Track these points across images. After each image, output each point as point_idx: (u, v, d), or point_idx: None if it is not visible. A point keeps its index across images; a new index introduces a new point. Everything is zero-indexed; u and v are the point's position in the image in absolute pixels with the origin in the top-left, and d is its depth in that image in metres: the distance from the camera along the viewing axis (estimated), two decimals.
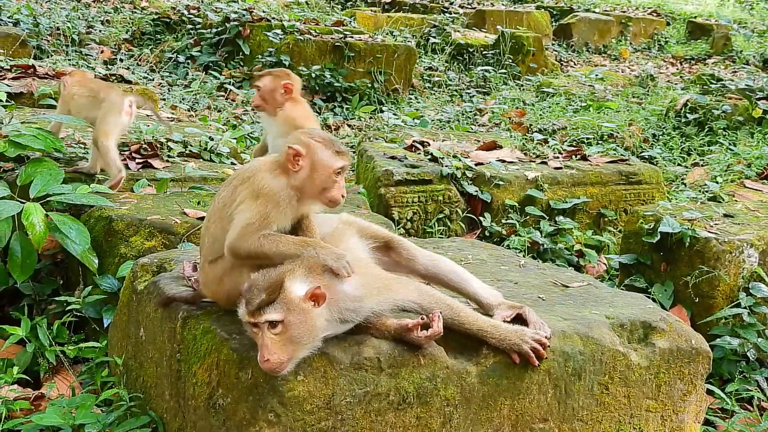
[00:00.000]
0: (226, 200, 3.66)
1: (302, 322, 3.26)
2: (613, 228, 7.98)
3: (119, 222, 5.49)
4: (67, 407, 4.26)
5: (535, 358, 3.66)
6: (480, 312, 3.86)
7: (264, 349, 3.20)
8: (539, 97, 14.42)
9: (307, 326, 3.28)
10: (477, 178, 7.72)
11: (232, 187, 3.68)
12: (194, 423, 3.64)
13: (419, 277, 4.00)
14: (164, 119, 8.33)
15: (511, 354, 3.66)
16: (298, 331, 3.25)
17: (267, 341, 3.21)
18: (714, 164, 10.56)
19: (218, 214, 3.68)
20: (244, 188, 3.62)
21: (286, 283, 3.26)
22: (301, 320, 3.25)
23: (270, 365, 3.20)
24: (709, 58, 20.14)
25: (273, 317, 3.21)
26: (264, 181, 3.58)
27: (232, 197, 3.64)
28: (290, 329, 3.23)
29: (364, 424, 3.46)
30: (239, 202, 3.59)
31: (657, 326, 4.01)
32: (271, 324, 3.21)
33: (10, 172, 6.33)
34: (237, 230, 3.52)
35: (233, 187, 3.68)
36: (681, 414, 4.08)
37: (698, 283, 5.87)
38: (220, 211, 3.66)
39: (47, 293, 5.70)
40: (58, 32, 13.58)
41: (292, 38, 13.74)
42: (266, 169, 3.63)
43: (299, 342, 3.27)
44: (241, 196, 3.60)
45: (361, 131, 11.34)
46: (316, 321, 3.31)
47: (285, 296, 3.24)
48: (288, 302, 3.24)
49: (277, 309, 3.22)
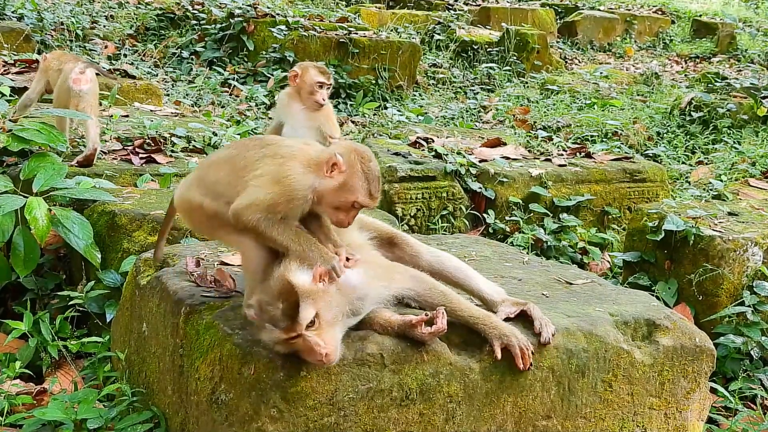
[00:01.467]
0: (249, 162, 3.59)
1: (328, 303, 3.28)
2: (617, 226, 7.96)
3: (122, 217, 5.49)
4: (70, 402, 4.26)
5: (521, 360, 3.64)
6: (483, 308, 3.85)
7: (316, 347, 3.18)
8: (543, 95, 14.39)
9: (334, 304, 3.30)
10: (481, 175, 7.71)
11: (262, 153, 3.61)
12: (197, 418, 3.64)
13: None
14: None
15: (495, 346, 3.61)
16: (330, 312, 3.27)
17: (313, 339, 3.19)
18: (718, 162, 10.54)
19: (234, 168, 3.62)
20: (271, 164, 3.55)
21: (292, 280, 3.24)
22: (327, 302, 3.26)
23: (330, 357, 3.20)
24: (714, 56, 20.11)
25: (310, 315, 3.20)
26: (292, 171, 3.53)
27: (255, 164, 3.57)
28: (323, 316, 3.23)
29: (367, 420, 3.45)
30: (259, 175, 3.52)
31: (661, 324, 4.00)
32: (310, 323, 3.21)
33: (14, 167, 6.34)
34: (245, 202, 3.48)
35: (263, 154, 3.60)
36: (684, 412, 4.07)
37: (702, 281, 5.86)
38: (239, 168, 3.60)
39: (50, 288, 5.71)
40: (62, 27, 13.56)
41: (297, 34, 13.72)
42: (301, 161, 3.56)
43: (335, 323, 3.29)
44: (263, 170, 3.54)
45: (365, 127, 11.32)
46: (336, 296, 3.33)
47: (302, 290, 3.22)
48: (308, 293, 3.22)
49: (306, 307, 3.20)
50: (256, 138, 3.85)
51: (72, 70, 6.72)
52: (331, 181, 3.51)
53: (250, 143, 3.75)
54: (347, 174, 3.51)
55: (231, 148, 3.80)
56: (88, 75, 6.82)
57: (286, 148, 3.64)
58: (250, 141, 3.79)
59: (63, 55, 7.32)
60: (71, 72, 6.71)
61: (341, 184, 3.51)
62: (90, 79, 6.87)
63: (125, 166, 6.74)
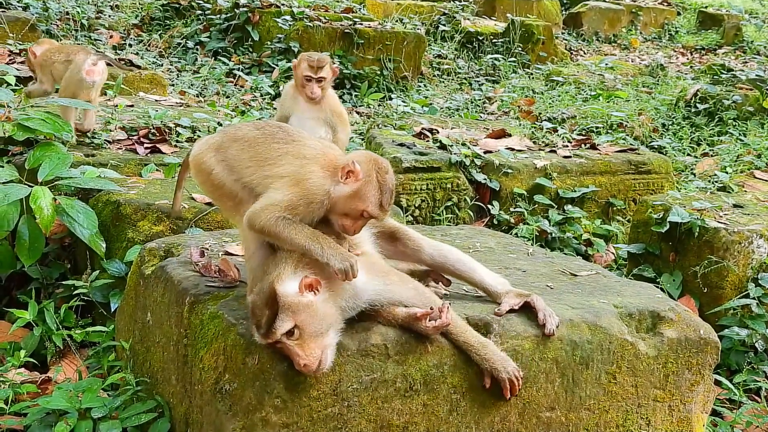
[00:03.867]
0: (272, 155, 3.62)
1: (312, 315, 3.26)
2: (622, 217, 7.95)
3: (127, 206, 5.49)
4: (74, 391, 4.27)
5: (509, 391, 3.62)
6: (487, 300, 3.85)
7: (295, 357, 3.20)
8: (549, 86, 14.38)
9: (319, 316, 3.28)
10: (486, 166, 7.70)
11: (286, 150, 3.63)
12: (200, 408, 3.64)
13: (426, 266, 4.00)
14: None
15: (485, 376, 3.60)
16: (314, 326, 3.25)
17: (293, 350, 3.21)
18: (724, 154, 10.53)
19: (256, 154, 3.64)
20: (293, 164, 3.57)
21: (277, 289, 3.24)
22: (309, 314, 3.24)
23: (309, 368, 3.20)
24: (720, 48, 20.06)
25: (285, 327, 3.21)
26: (311, 175, 3.53)
27: (277, 159, 3.60)
28: (306, 328, 3.23)
29: (371, 411, 3.45)
30: (279, 175, 3.55)
31: (665, 316, 3.99)
32: (287, 333, 3.21)
33: (19, 156, 6.33)
34: (261, 205, 3.49)
35: (287, 151, 3.63)
36: (688, 404, 4.07)
37: (707, 273, 5.86)
38: (261, 158, 3.62)
39: (54, 277, 5.71)
40: (68, 17, 13.56)
41: (302, 24, 13.70)
42: (321, 165, 3.57)
43: (321, 333, 3.27)
44: (284, 170, 3.55)
45: (369, 118, 11.32)
46: (324, 307, 3.31)
47: (284, 302, 3.22)
48: (289, 306, 3.22)
49: (283, 318, 3.21)
50: (284, 129, 3.81)
51: (84, 61, 6.79)
52: (345, 188, 3.51)
53: (278, 133, 3.73)
54: (362, 183, 3.52)
55: (258, 130, 3.76)
56: (100, 67, 6.94)
57: (311, 149, 3.65)
58: (278, 131, 3.76)
59: (64, 47, 7.34)
60: (84, 63, 6.78)
61: (354, 191, 3.51)
62: (102, 71, 7.02)
63: (130, 156, 6.74)
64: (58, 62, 6.95)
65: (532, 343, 3.68)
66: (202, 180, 3.81)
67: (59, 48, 7.28)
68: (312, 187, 3.50)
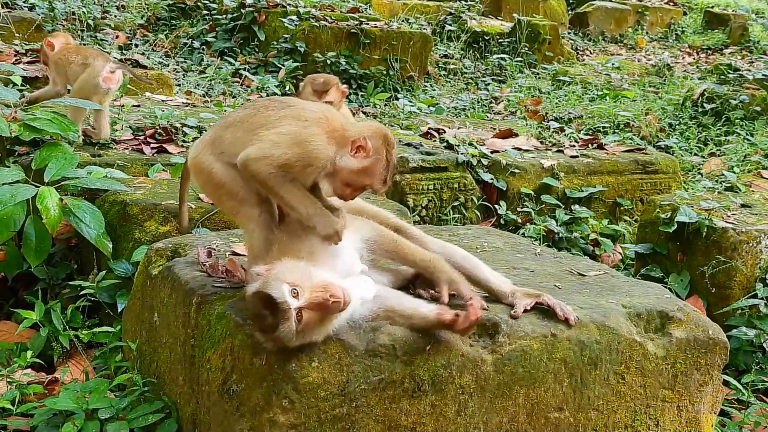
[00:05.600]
0: (268, 120, 3.60)
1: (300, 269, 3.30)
2: (629, 217, 7.94)
3: (134, 207, 5.48)
4: (81, 392, 4.27)
5: (473, 310, 3.54)
6: (492, 299, 3.84)
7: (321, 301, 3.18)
8: (555, 86, 14.37)
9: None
10: (492, 166, 7.69)
11: (283, 113, 3.62)
12: (208, 409, 3.63)
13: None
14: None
15: (443, 290, 3.67)
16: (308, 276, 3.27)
17: (314, 300, 3.18)
18: (731, 154, 10.52)
19: (251, 126, 3.62)
20: (293, 125, 3.56)
21: (276, 299, 3.17)
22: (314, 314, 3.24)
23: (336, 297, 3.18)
24: (726, 48, 20.04)
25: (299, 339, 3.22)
26: (316, 138, 3.53)
27: (275, 123, 3.58)
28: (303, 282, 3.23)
29: (379, 412, 3.44)
30: (278, 132, 3.54)
31: (674, 316, 3.98)
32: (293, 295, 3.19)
33: (25, 156, 6.33)
34: (258, 154, 3.49)
35: (284, 114, 3.61)
36: (697, 404, 4.05)
37: (715, 273, 5.85)
38: (256, 126, 3.60)
39: (61, 277, 5.71)
40: (74, 17, 13.56)
41: (308, 24, 13.70)
42: (325, 130, 3.56)
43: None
44: (284, 129, 3.54)
45: (376, 118, 11.31)
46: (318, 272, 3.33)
47: (286, 314, 3.18)
48: (292, 317, 3.20)
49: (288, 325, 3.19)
50: (275, 98, 3.82)
51: (103, 68, 6.79)
52: (354, 162, 3.52)
53: (269, 103, 3.73)
54: (372, 160, 3.54)
55: (247, 109, 3.77)
56: (117, 75, 6.96)
57: (311, 112, 3.64)
58: (269, 101, 3.76)
59: (83, 49, 7.32)
60: (102, 70, 6.78)
61: (363, 167, 3.53)
62: (118, 79, 7.06)
63: (137, 156, 6.74)
64: (75, 64, 6.93)
65: (541, 343, 3.67)
66: (203, 181, 3.81)
67: (77, 49, 7.25)
68: (315, 152, 3.50)
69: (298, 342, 3.24)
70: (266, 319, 3.17)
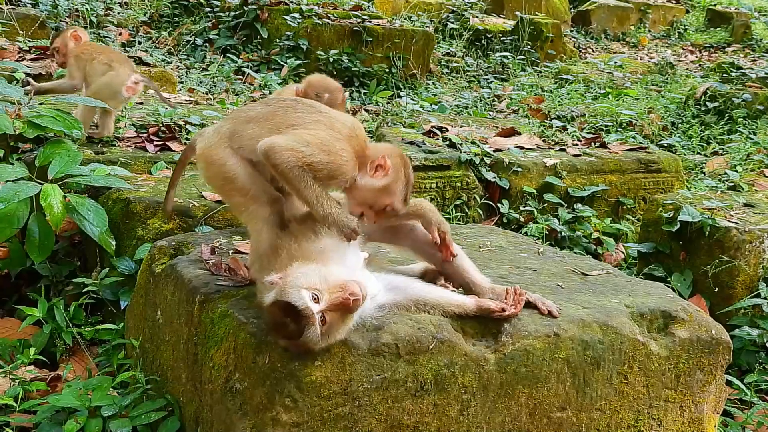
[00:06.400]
0: (299, 122, 3.63)
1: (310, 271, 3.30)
2: (632, 216, 7.93)
3: (137, 204, 5.48)
4: (84, 389, 4.28)
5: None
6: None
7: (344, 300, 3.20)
8: (557, 84, 14.37)
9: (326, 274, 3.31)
10: (495, 165, 7.68)
11: (316, 118, 3.66)
12: (211, 407, 3.64)
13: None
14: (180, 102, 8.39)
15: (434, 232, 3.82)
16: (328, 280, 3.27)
17: (335, 301, 3.20)
18: (734, 153, 10.50)
19: (278, 125, 3.65)
20: (327, 133, 3.59)
21: (298, 306, 3.17)
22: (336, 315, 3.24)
23: (356, 295, 3.20)
24: (729, 46, 20.03)
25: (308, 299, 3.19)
26: (344, 154, 3.58)
27: (307, 125, 3.61)
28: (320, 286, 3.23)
29: (381, 411, 3.44)
30: (310, 134, 3.56)
31: (677, 316, 3.98)
32: (314, 300, 3.20)
33: (29, 153, 6.33)
34: (287, 143, 3.51)
35: (317, 119, 3.65)
36: (700, 404, 4.06)
37: (717, 272, 5.84)
38: (285, 125, 3.63)
39: (64, 275, 5.71)
40: (77, 14, 13.55)
41: (311, 22, 13.69)
42: (354, 148, 3.63)
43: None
44: (317, 134, 3.57)
45: (378, 116, 11.30)
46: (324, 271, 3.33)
47: (310, 320, 3.19)
48: (316, 322, 3.20)
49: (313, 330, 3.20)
50: (302, 100, 3.83)
51: (129, 77, 6.81)
52: (374, 182, 3.58)
53: (297, 105, 3.76)
54: (391, 179, 3.59)
55: (270, 106, 3.78)
56: (139, 87, 6.99)
57: (343, 126, 3.68)
58: (295, 102, 3.78)
59: (108, 50, 7.30)
60: (127, 79, 6.81)
61: (383, 186, 3.59)
62: (139, 92, 7.14)
63: (140, 154, 6.73)
64: (99, 62, 6.87)
65: (544, 343, 3.67)
66: (214, 173, 3.80)
67: (103, 49, 7.24)
68: (342, 167, 3.56)
69: (324, 344, 3.26)
70: (289, 327, 3.17)
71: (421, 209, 3.85)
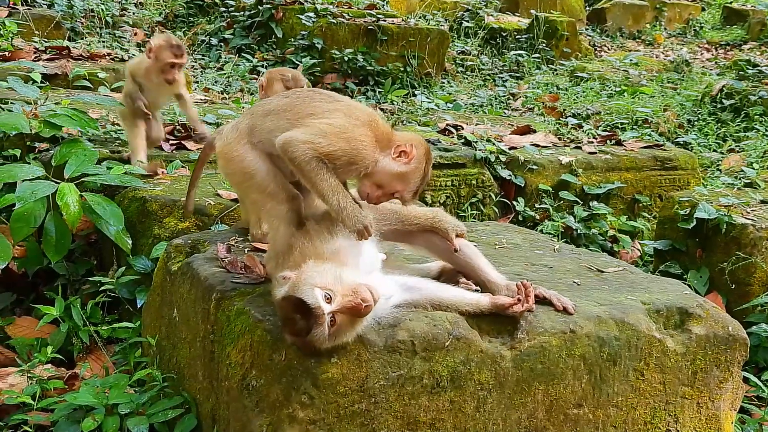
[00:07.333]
0: (317, 111, 3.63)
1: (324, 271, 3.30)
2: (648, 214, 7.91)
3: (153, 203, 5.50)
4: (101, 387, 4.29)
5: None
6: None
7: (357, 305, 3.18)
8: (573, 82, 14.34)
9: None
10: (511, 162, 7.67)
11: (334, 106, 3.65)
12: (227, 404, 3.64)
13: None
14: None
15: (451, 235, 3.81)
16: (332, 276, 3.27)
17: (346, 304, 3.18)
18: (750, 150, 10.46)
19: (296, 115, 3.64)
20: (344, 120, 3.59)
21: (310, 304, 3.16)
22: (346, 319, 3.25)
23: (368, 301, 3.19)
24: (745, 43, 19.96)
25: (321, 299, 3.19)
26: (364, 139, 3.57)
27: (324, 114, 3.61)
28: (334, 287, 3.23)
29: (398, 408, 3.44)
30: (328, 123, 3.56)
31: (694, 312, 3.97)
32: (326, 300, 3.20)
33: (45, 153, 6.35)
34: (305, 135, 3.50)
35: (335, 107, 3.65)
36: (717, 401, 4.04)
37: (734, 269, 5.82)
38: (303, 115, 3.63)
39: (81, 273, 5.73)
40: (92, 14, 13.61)
41: (325, 21, 13.71)
42: (375, 132, 3.62)
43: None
44: (335, 122, 3.57)
45: (393, 114, 11.30)
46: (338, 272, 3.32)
47: (320, 319, 3.19)
48: (326, 322, 3.20)
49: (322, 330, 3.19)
50: (318, 90, 3.84)
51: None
52: (394, 165, 3.57)
53: (314, 95, 3.77)
54: (412, 168, 3.59)
55: (287, 98, 3.79)
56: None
57: (361, 112, 3.67)
58: (312, 92, 3.79)
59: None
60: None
61: (402, 173, 3.58)
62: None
63: (156, 153, 6.73)
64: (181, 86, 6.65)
65: (560, 339, 3.66)
66: (233, 170, 3.81)
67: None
68: (362, 152, 3.54)
69: (330, 344, 3.25)
70: (298, 323, 3.17)
71: (435, 221, 3.83)
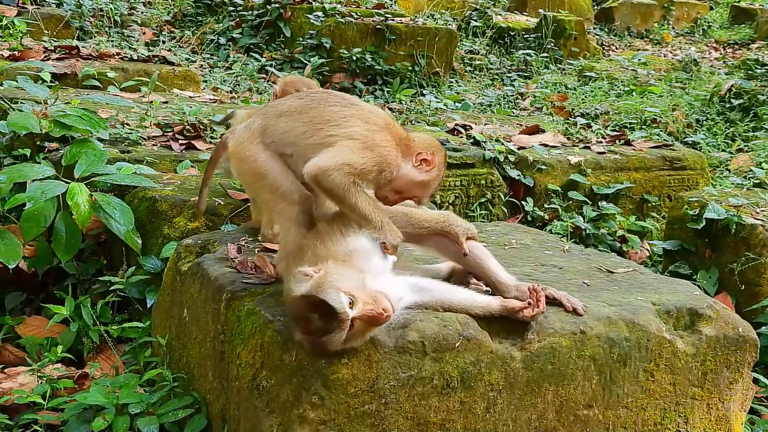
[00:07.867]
0: (333, 117, 3.60)
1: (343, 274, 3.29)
2: (657, 214, 7.90)
3: (163, 203, 5.50)
4: (111, 386, 4.30)
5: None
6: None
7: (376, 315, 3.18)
8: (581, 81, 14.34)
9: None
10: (519, 162, 7.66)
11: (350, 112, 3.64)
12: (237, 404, 3.65)
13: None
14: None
15: (461, 239, 3.79)
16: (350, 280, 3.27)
17: (365, 313, 3.17)
18: (759, 150, 10.44)
19: (312, 119, 3.62)
20: (363, 128, 3.58)
21: (336, 308, 3.15)
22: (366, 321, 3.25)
23: (387, 312, 3.20)
24: (753, 43, 19.93)
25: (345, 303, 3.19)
26: (386, 144, 3.57)
27: (341, 121, 3.59)
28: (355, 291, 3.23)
29: (408, 408, 3.44)
30: (347, 135, 3.54)
31: (704, 313, 3.96)
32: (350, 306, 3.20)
33: (55, 152, 6.36)
34: (332, 161, 3.47)
35: (351, 113, 3.63)
36: (727, 402, 4.04)
37: (744, 270, 5.81)
38: (320, 121, 3.60)
39: (91, 273, 5.73)
40: (101, 13, 13.65)
41: (333, 21, 13.72)
42: (394, 137, 3.62)
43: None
44: (353, 132, 3.55)
45: (402, 114, 11.31)
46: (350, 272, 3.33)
47: (343, 324, 3.19)
48: (347, 327, 3.20)
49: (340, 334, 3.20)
50: (333, 92, 3.82)
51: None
52: (415, 173, 3.58)
53: (329, 98, 3.74)
54: (434, 175, 3.62)
55: (302, 99, 3.77)
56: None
57: (377, 117, 3.67)
58: (327, 95, 3.77)
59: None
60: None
61: (423, 180, 3.60)
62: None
63: (165, 153, 6.75)
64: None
65: (570, 340, 3.66)
66: (245, 170, 3.80)
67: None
68: (388, 157, 3.54)
69: (340, 348, 3.25)
70: (313, 323, 3.17)
71: (445, 225, 3.82)
